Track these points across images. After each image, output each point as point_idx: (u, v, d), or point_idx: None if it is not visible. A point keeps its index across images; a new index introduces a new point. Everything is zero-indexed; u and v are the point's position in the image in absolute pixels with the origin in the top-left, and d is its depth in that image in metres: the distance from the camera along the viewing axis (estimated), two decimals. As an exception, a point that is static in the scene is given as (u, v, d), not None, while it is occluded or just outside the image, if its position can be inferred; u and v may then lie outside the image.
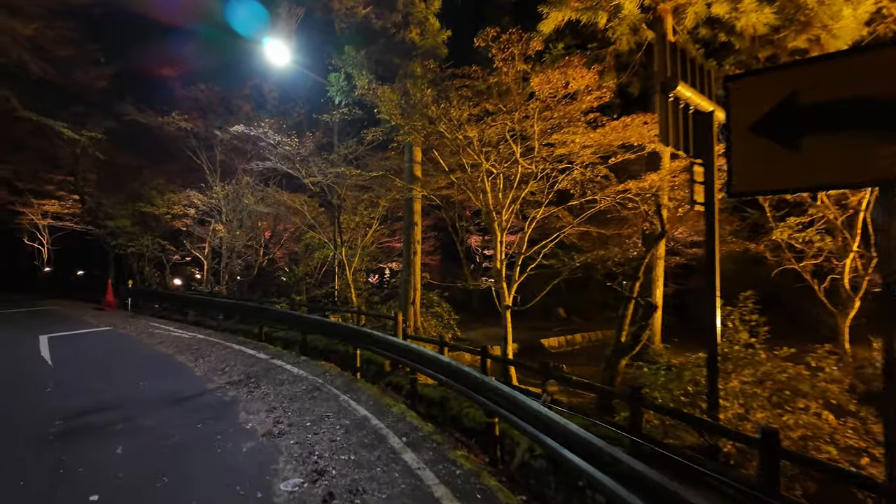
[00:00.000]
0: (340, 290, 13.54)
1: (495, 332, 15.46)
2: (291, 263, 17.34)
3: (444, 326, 12.40)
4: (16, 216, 22.59)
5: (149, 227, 18.29)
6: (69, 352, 10.03)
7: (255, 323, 11.71)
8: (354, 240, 14.02)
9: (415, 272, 11.59)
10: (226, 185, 15.29)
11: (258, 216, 16.07)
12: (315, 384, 7.68)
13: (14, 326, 13.15)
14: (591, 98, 7.86)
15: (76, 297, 19.52)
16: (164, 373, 8.40)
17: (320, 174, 11.62)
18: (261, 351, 10.26)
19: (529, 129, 8.38)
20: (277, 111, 15.29)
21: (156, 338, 11.67)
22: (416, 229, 11.61)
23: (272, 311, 11.11)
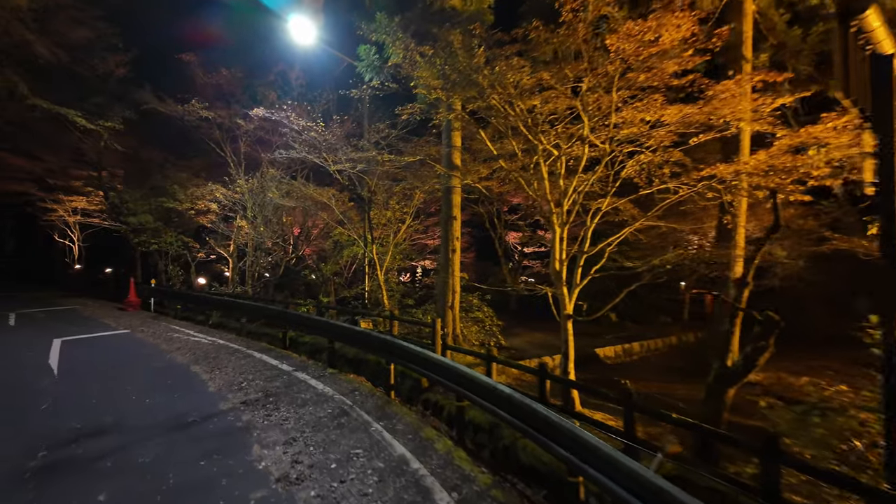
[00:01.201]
0: (371, 291, 12.58)
1: (540, 339, 14.19)
2: (319, 262, 16.51)
3: (485, 333, 11.24)
4: (45, 213, 22.75)
5: (172, 224, 17.84)
6: (79, 359, 9.37)
7: (280, 327, 10.84)
8: (386, 237, 13.02)
9: (453, 273, 10.46)
10: (250, 179, 14.54)
11: (284, 211, 15.29)
12: (343, 407, 6.63)
13: (33, 327, 12.74)
14: (684, 56, 6.44)
15: (102, 295, 19.30)
16: (174, 387, 7.55)
17: (349, 163, 10.64)
18: (284, 361, 9.34)
19: (594, 104, 7.08)
20: (304, 99, 14.41)
21: (173, 343, 10.94)
22: (455, 224, 10.46)
23: (297, 315, 10.18)
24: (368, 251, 12.10)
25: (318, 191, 13.03)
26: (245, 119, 15.10)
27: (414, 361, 6.76)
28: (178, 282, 17.81)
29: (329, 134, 10.55)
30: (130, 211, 17.46)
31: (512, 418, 4.82)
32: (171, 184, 16.66)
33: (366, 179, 11.48)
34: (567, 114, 7.58)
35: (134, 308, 16.00)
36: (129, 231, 17.72)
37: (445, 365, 6.08)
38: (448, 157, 10.31)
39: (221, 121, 15.63)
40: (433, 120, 12.19)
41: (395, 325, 10.06)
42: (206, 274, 19.09)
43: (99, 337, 11.63)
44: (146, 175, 18.65)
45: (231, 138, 16.25)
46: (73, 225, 25.36)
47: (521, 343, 12.53)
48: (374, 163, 10.57)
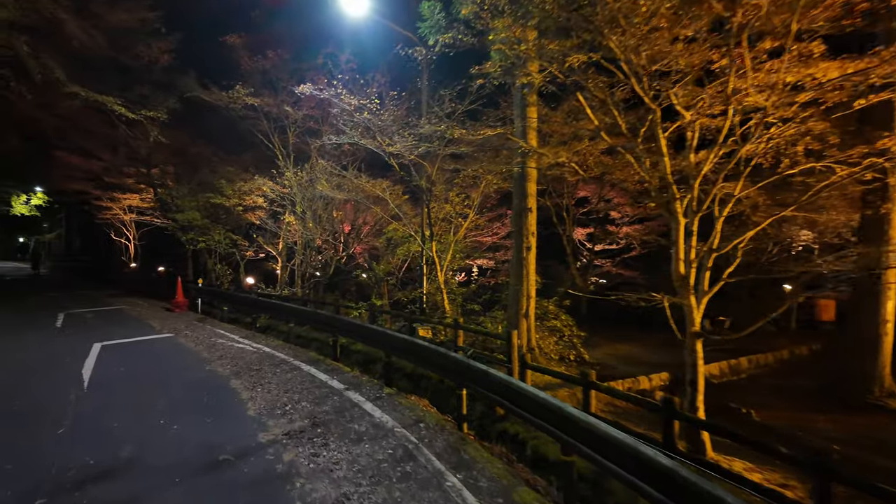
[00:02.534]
0: (429, 294, 11.32)
1: (625, 351, 12.41)
2: (371, 261, 15.46)
3: (564, 345, 9.68)
4: (101, 211, 23.21)
5: (219, 221, 17.37)
6: (114, 368, 8.65)
7: (330, 333, 9.76)
8: (444, 233, 11.69)
9: (528, 274, 8.97)
10: (299, 171, 13.65)
11: (334, 206, 14.32)
12: (406, 445, 5.31)
13: (78, 329, 12.38)
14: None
15: (153, 294, 19.20)
16: (209, 408, 6.53)
17: (406, 148, 9.39)
18: (334, 375, 8.19)
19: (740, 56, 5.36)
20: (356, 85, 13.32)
21: (216, 350, 10.09)
22: (531, 218, 8.97)
23: (348, 323, 9.04)
24: (427, 249, 10.83)
25: (371, 182, 11.88)
26: (293, 106, 14.24)
27: (496, 391, 5.34)
28: (227, 281, 17.34)
29: (384, 113, 9.31)
30: (178, 208, 17.15)
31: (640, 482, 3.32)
32: (218, 178, 16.14)
33: (424, 166, 10.19)
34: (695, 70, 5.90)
35: (181, 309, 15.55)
36: (177, 228, 17.43)
37: (541, 402, 4.62)
38: (521, 136, 8.83)
39: (269, 109, 14.88)
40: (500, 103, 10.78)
41: (461, 335, 8.71)
42: (256, 273, 18.55)
43: (140, 342, 11.00)
44: (195, 171, 18.36)
45: (279, 129, 15.49)
46: (128, 223, 25.85)
47: (603, 356, 10.83)
48: (440, 138, 9.21)
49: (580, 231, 20.83)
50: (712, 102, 5.71)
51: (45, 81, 11.24)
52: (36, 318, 14.16)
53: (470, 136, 8.66)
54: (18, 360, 9.19)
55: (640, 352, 12.20)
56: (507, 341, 7.49)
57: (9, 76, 10.59)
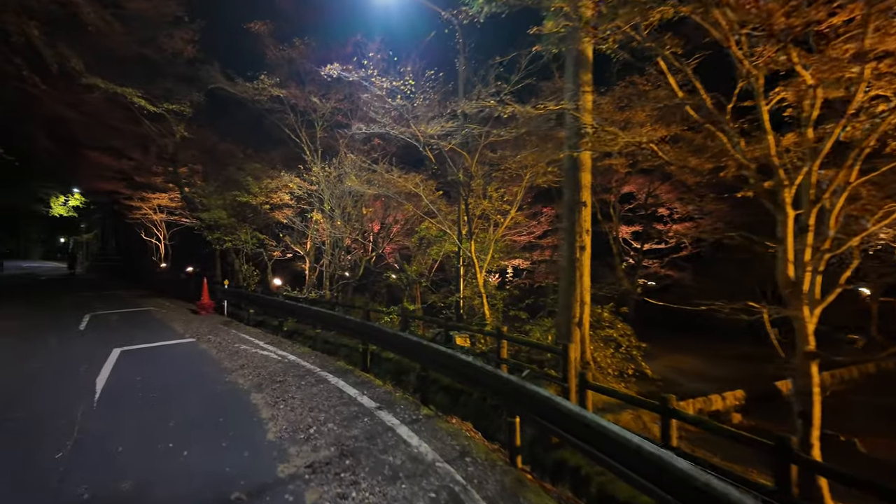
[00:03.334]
0: (466, 297, 10.43)
1: (688, 364, 11.22)
2: (403, 261, 14.67)
3: (622, 357, 8.62)
4: (131, 210, 23.26)
5: (246, 220, 16.92)
6: (129, 378, 8.10)
7: (360, 340, 8.99)
8: (480, 232, 10.77)
9: (581, 278, 7.95)
10: (326, 167, 12.99)
11: (364, 203, 13.59)
12: (451, 487, 4.44)
13: (100, 333, 12.04)
14: None
15: (181, 295, 18.95)
16: (224, 429, 5.82)
17: (443, 133, 8.53)
18: (364, 390, 7.39)
19: None
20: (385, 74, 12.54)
21: (238, 358, 9.46)
22: (585, 213, 7.94)
23: (378, 330, 8.23)
24: (465, 248, 9.94)
25: (404, 177, 11.06)
26: (321, 98, 13.59)
27: (558, 422, 4.40)
28: (254, 282, 16.87)
29: (419, 96, 8.45)
30: (204, 206, 16.78)
31: None
32: (245, 176, 15.67)
33: (463, 156, 9.29)
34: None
35: (207, 311, 15.13)
36: (204, 227, 17.09)
37: (613, 437, 3.65)
38: (575, 119, 7.83)
39: (295, 101, 14.29)
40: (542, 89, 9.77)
41: (504, 345, 7.77)
42: (284, 274, 18.05)
43: (161, 347, 10.50)
44: (223, 169, 18.00)
45: (306, 123, 14.90)
46: (158, 223, 25.91)
47: (663, 369, 9.70)
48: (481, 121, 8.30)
49: (625, 229, 19.58)
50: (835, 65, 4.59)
51: (63, 72, 10.89)
52: (61, 319, 13.95)
53: (524, 111, 7.60)
54: (33, 367, 8.76)
55: (702, 364, 11.00)
56: (563, 356, 6.53)
57: (21, 65, 10.25)
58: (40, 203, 42.78)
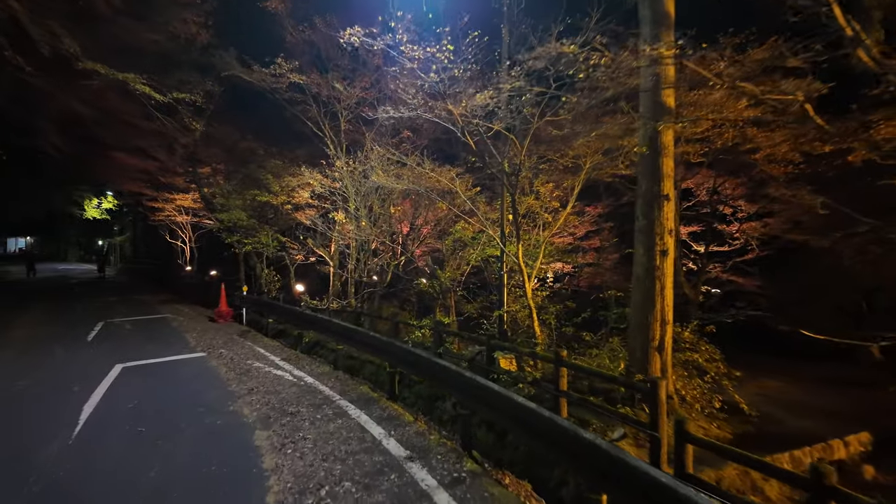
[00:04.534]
0: (511, 311, 8.99)
1: (777, 390, 9.41)
2: (434, 266, 13.29)
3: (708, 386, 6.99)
4: (154, 212, 22.75)
5: (267, 221, 15.90)
6: (122, 404, 7.06)
7: (386, 359, 7.65)
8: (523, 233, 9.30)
9: (663, 291, 6.38)
10: (351, 161, 11.77)
11: (392, 201, 12.30)
12: None
13: (107, 344, 11.16)
14: None
15: (202, 300, 18.13)
16: (215, 484, 4.63)
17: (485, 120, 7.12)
18: (391, 429, 6.05)
19: None
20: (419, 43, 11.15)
21: (249, 380, 8.28)
22: (667, 208, 6.36)
23: (406, 353, 6.90)
24: (511, 253, 8.50)
25: (437, 170, 9.63)
26: (344, 84, 12.40)
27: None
28: (275, 288, 15.83)
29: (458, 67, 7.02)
30: (223, 207, 15.86)
31: None
32: (265, 174, 14.65)
33: (508, 143, 7.84)
34: None
35: (224, 319, 14.14)
36: (223, 229, 16.19)
37: None
38: (653, 91, 6.29)
39: (318, 90, 13.15)
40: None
41: (565, 374, 6.29)
42: (307, 279, 16.95)
43: (166, 364, 9.44)
44: (243, 167, 17.11)
45: (330, 115, 13.74)
46: (184, 225, 25.36)
47: (748, 396, 7.94)
48: (534, 103, 6.85)
49: (683, 230, 17.67)
50: None
51: (56, 56, 9.99)
52: (73, 327, 13.19)
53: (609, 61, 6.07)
54: (19, 387, 7.80)
55: (794, 391, 9.21)
56: (650, 397, 5.01)
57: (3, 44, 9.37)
58: (75, 206, 43.50)
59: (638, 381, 5.83)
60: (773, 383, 9.52)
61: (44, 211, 47.04)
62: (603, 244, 20.45)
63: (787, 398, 8.64)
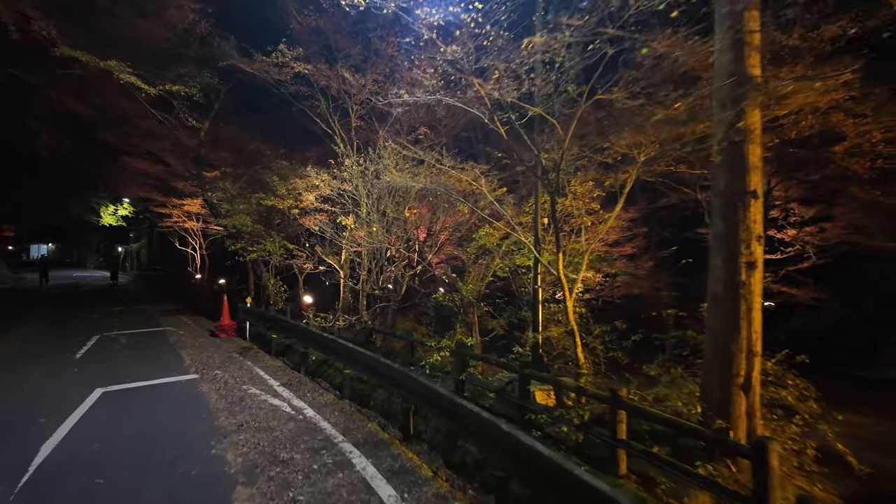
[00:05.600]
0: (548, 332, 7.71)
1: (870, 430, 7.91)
2: (455, 276, 12.03)
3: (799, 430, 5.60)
4: (161, 218, 22.01)
5: (272, 226, 14.86)
6: (86, 444, 6.00)
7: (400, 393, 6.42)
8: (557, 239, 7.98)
9: (749, 313, 5.00)
10: (361, 159, 10.63)
11: (407, 204, 11.10)
12: None
13: (94, 363, 10.17)
14: None
15: (208, 311, 17.17)
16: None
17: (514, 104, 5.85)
18: (405, 489, 4.85)
19: None
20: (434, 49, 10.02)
21: (240, 411, 7.14)
22: (754, 208, 4.99)
23: (428, 390, 5.66)
24: (549, 263, 7.22)
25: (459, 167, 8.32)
26: (354, 73, 11.32)
27: None
28: (282, 300, 14.76)
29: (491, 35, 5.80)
30: (228, 212, 14.88)
31: None
32: (271, 176, 13.62)
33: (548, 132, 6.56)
34: None
35: (227, 334, 13.11)
36: (226, 236, 15.23)
37: None
38: (733, 60, 4.99)
39: (326, 83, 12.09)
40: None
41: (623, 418, 4.99)
42: (316, 289, 15.84)
43: (152, 388, 8.36)
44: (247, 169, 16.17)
45: (340, 111, 12.66)
46: (195, 231, 24.60)
47: (843, 440, 6.51)
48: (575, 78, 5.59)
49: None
50: None
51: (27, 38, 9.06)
52: (66, 341, 12.27)
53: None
54: (-24, 421, 6.78)
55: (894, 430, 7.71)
56: (758, 463, 3.68)
57: None
58: (92, 213, 43.52)
59: (740, 444, 4.47)
60: (860, 419, 8.01)
61: (61, 218, 47.34)
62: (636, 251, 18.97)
63: (886, 440, 7.16)
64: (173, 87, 11.93)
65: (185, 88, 12.32)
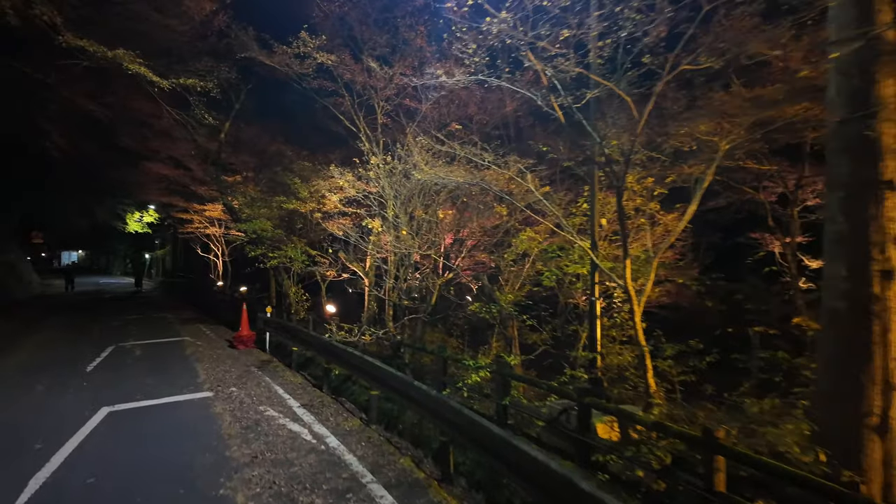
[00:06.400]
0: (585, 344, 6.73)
1: None
2: (492, 287, 11.07)
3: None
4: (182, 224, 21.66)
5: (294, 231, 14.19)
6: (80, 477, 5.33)
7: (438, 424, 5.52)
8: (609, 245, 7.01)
9: (886, 333, 3.96)
10: (389, 157, 9.83)
11: (438, 204, 10.22)
12: None
13: (105, 377, 9.58)
14: None
15: (227, 320, 16.59)
16: None
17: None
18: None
19: None
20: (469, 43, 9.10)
21: (255, 439, 6.35)
22: (890, 201, 4.02)
23: (473, 424, 4.74)
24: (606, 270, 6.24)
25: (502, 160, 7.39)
26: (381, 64, 10.54)
27: None
28: (303, 309, 14.05)
29: None
30: (248, 217, 14.26)
31: None
32: (293, 178, 12.96)
33: (614, 113, 5.60)
34: None
35: (245, 345, 12.44)
36: (246, 242, 14.62)
37: None
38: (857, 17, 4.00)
39: (350, 77, 11.37)
40: None
41: (722, 465, 4.00)
42: (338, 299, 15.10)
43: (162, 408, 7.66)
44: (267, 171, 15.64)
45: (365, 107, 11.91)
46: (216, 237, 24.24)
47: None
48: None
49: (776, 242, 14.76)
50: None
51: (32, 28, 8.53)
52: (80, 352, 11.78)
53: None
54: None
55: None
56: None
57: None
58: (118, 220, 43.94)
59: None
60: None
61: (88, 224, 47.97)
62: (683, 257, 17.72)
63: None
64: (187, 80, 11.33)
65: (200, 82, 11.69)
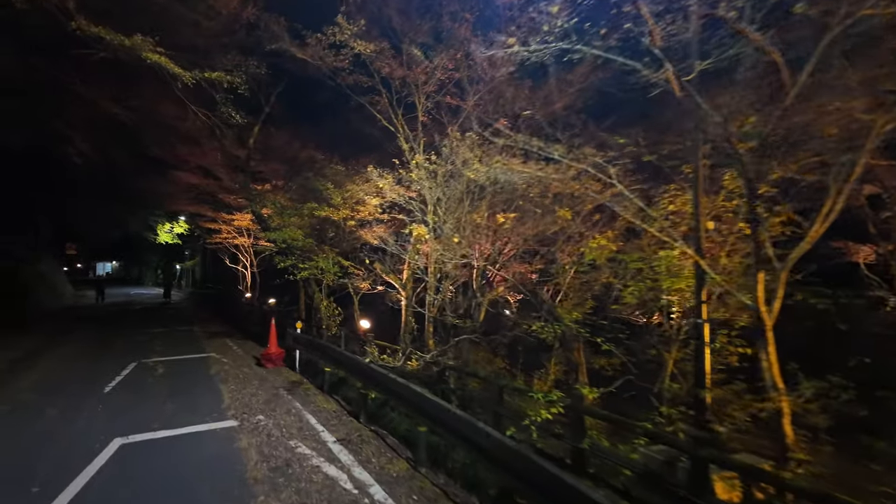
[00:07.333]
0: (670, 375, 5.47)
1: None
2: (552, 303, 9.83)
3: None
4: (210, 234, 21.21)
5: (325, 241, 13.27)
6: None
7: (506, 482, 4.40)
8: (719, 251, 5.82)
9: None
10: (432, 155, 8.83)
11: (480, 209, 9.10)
12: None
13: (124, 399, 8.76)
14: None
15: (256, 334, 15.82)
16: None
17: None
18: None
19: None
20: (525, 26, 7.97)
21: (286, 486, 5.34)
22: None
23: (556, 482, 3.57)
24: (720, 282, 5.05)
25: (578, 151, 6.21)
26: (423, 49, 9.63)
27: None
28: (335, 324, 13.08)
29: None
30: (276, 225, 13.46)
31: None
32: (325, 183, 12.10)
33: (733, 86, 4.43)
34: None
35: (273, 364, 11.55)
36: (275, 252, 13.83)
37: None
38: None
39: (389, 71, 10.47)
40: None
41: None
42: (372, 313, 14.13)
43: (180, 439, 6.74)
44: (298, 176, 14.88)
45: (404, 105, 10.99)
46: (245, 248, 23.75)
47: None
48: None
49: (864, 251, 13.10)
50: None
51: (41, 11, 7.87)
52: (99, 369, 11.10)
53: None
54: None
55: None
56: None
57: None
58: (150, 231, 44.38)
59: None
60: None
61: (121, 236, 48.73)
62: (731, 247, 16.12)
63: None
64: (212, 74, 10.57)
65: (227, 76, 10.92)
